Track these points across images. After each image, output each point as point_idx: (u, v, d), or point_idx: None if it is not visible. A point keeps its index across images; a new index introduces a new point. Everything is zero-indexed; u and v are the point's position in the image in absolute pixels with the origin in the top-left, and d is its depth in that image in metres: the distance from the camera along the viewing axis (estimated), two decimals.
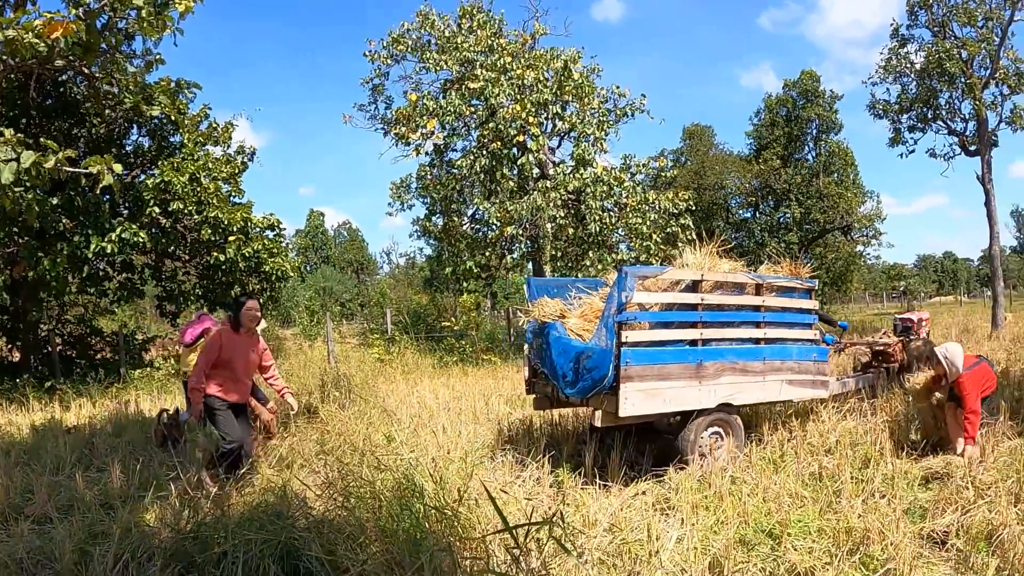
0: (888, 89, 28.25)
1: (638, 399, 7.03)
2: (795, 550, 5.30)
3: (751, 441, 8.14)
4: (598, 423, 7.26)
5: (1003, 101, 25.14)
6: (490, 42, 23.38)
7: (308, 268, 78.15)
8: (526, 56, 23.60)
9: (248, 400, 8.13)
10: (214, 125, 20.38)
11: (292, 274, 20.87)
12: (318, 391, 12.21)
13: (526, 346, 8.80)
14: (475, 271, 23.77)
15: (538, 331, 8.29)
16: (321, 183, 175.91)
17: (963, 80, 24.84)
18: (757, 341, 8.17)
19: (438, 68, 23.29)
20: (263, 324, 9.12)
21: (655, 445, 8.25)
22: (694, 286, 7.65)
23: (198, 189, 17.81)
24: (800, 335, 8.75)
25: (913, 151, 28.12)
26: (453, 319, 23.70)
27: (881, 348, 12.00)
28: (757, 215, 43.04)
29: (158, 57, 9.09)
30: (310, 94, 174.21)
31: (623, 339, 6.94)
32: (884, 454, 7.65)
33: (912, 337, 12.10)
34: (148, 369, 19.11)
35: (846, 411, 9.10)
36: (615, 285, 7.12)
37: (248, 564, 4.85)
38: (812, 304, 9.01)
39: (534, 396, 8.88)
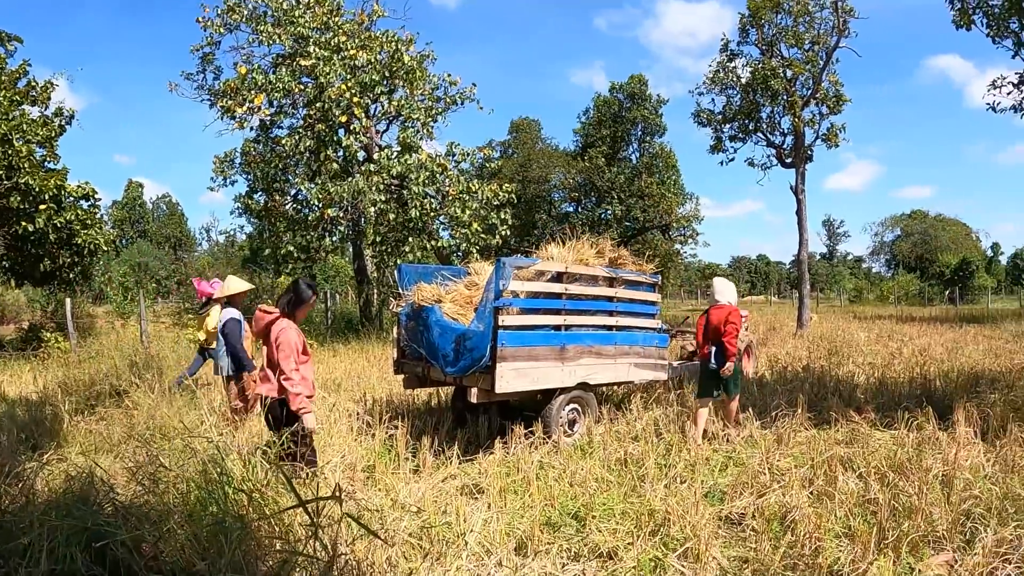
0: (713, 99, 30.60)
1: (511, 377, 8.17)
2: (599, 531, 5.77)
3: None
4: (474, 399, 8.29)
5: (821, 120, 28.00)
6: (326, 19, 23.65)
7: (124, 242, 75.55)
8: (361, 37, 24.04)
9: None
10: (33, 83, 19.94)
11: (106, 248, 20.56)
12: (129, 372, 12.19)
13: (395, 328, 9.79)
14: (295, 254, 24.10)
15: (414, 315, 9.22)
16: (141, 152, 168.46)
17: (785, 97, 27.40)
18: (610, 328, 9.56)
19: (271, 41, 23.32)
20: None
21: (466, 430, 9.30)
22: (559, 277, 8.88)
23: (9, 152, 17.41)
24: (645, 323, 10.22)
25: (733, 159, 30.71)
26: (271, 301, 23.77)
27: None
28: (579, 210, 44.79)
29: None
30: (135, 56, 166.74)
31: (500, 323, 8.03)
32: (687, 441, 8.53)
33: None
34: None
35: (652, 400, 10.22)
36: (493, 273, 8.24)
37: (54, 552, 4.69)
38: (656, 297, 10.55)
39: (403, 376, 9.86)
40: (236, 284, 9.62)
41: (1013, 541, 5.31)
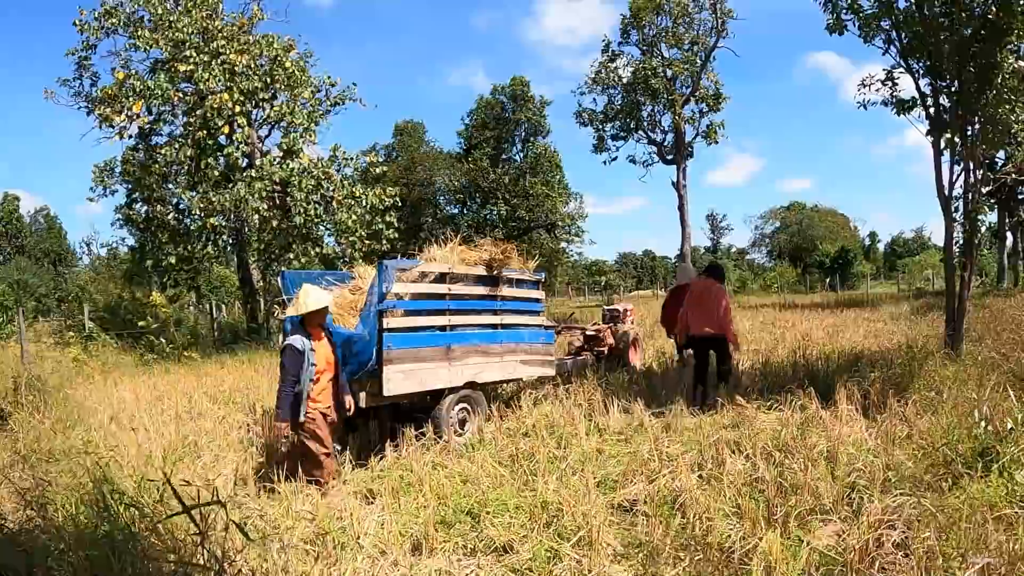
0: (595, 99, 31.17)
1: (399, 379, 8.14)
2: (494, 526, 5.77)
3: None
4: (363, 403, 8.20)
5: (700, 117, 28.88)
6: (205, 23, 23.16)
7: (1, 259, 72.82)
8: (241, 41, 23.62)
9: None
10: None
11: None
12: (11, 396, 11.69)
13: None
14: (175, 265, 23.62)
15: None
16: (13, 162, 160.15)
17: (666, 96, 27.98)
18: (495, 326, 9.59)
19: (149, 47, 22.76)
20: None
21: (357, 435, 9.22)
22: (442, 278, 8.87)
23: None
24: (531, 321, 10.28)
25: (616, 158, 31.31)
26: (150, 317, 23.03)
27: (592, 333, 14.06)
28: (464, 212, 45.05)
29: None
30: (5, 61, 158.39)
31: (385, 325, 7.99)
32: (578, 434, 8.54)
33: (619, 324, 14.30)
34: None
35: (542, 396, 10.22)
36: (376, 276, 8.15)
37: None
38: (540, 294, 10.59)
39: None
40: (315, 298, 7.43)
41: (897, 508, 5.48)
